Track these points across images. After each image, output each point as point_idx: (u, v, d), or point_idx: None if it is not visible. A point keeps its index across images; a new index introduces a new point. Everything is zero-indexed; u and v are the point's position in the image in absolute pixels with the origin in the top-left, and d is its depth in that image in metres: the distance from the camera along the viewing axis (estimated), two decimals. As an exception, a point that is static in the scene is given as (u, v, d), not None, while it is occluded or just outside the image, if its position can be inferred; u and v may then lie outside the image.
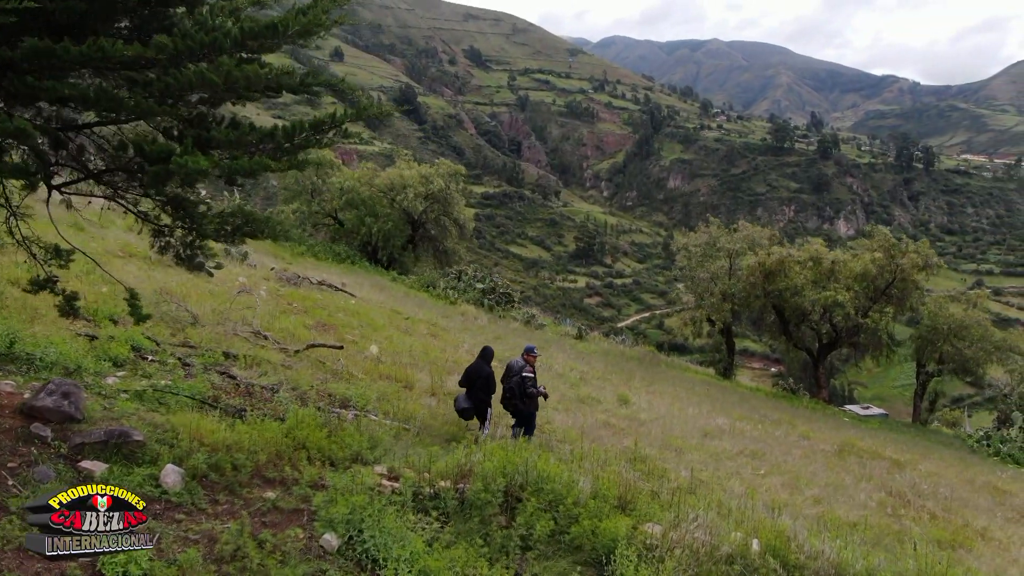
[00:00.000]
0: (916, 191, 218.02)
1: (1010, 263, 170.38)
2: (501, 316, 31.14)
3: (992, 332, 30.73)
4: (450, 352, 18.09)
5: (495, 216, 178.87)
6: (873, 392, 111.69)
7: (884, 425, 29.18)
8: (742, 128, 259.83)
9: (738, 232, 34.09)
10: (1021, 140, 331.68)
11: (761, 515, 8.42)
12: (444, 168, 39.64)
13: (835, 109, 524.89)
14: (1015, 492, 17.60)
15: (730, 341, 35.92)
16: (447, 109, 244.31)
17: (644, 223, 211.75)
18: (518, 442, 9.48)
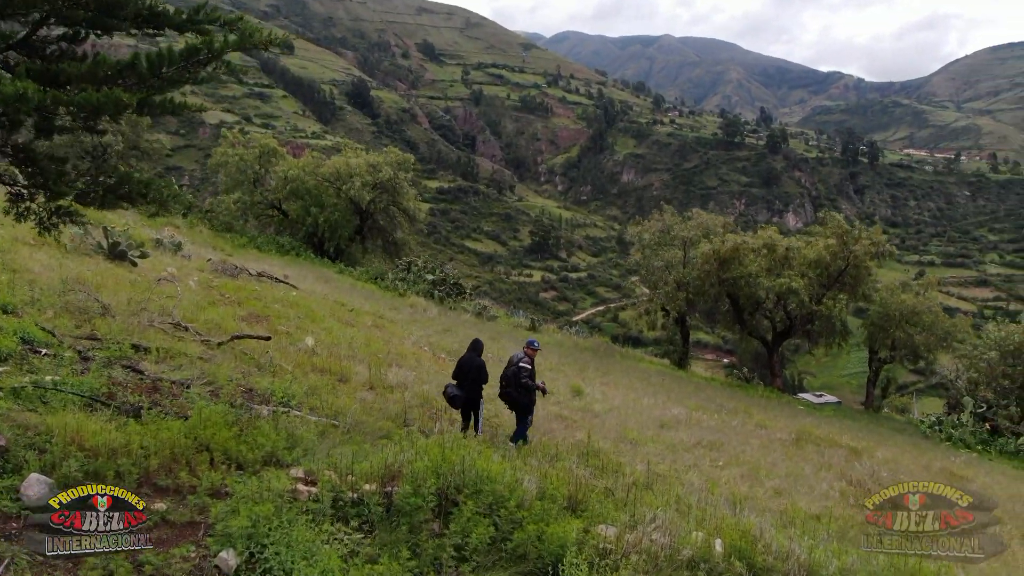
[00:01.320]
0: (862, 185, 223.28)
1: (950, 254, 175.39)
2: (452, 308, 30.23)
3: (943, 319, 30.93)
4: (394, 344, 17.14)
5: (450, 211, 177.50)
6: (822, 381, 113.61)
7: (838, 413, 29.11)
8: (694, 123, 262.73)
9: (692, 220, 33.74)
10: (960, 136, 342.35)
11: (724, 513, 7.72)
12: (393, 156, 38.42)
13: (783, 105, 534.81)
14: (971, 478, 17.40)
15: (684, 331, 35.61)
16: (401, 103, 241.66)
17: (598, 217, 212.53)
18: (517, 445, 9.90)
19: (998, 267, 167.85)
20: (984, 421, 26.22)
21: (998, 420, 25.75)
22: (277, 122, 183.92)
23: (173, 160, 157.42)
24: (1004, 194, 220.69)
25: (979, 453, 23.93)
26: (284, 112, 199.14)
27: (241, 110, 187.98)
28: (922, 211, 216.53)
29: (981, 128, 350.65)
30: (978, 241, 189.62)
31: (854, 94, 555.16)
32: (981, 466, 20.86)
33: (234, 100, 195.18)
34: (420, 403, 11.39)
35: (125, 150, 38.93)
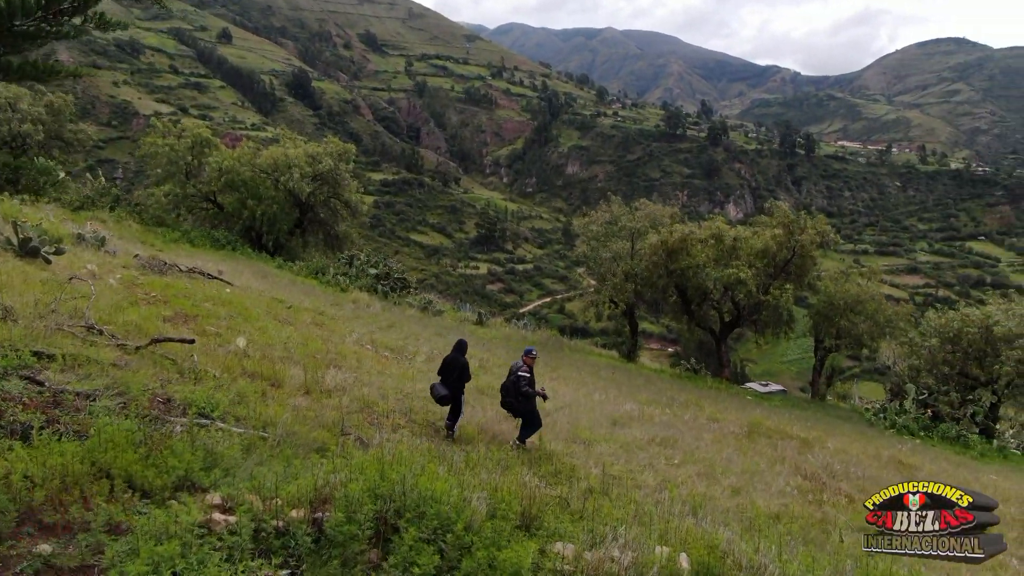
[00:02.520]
0: (799, 176, 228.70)
1: (883, 243, 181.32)
2: (396, 303, 29.35)
3: (885, 307, 31.37)
4: (335, 343, 16.26)
5: (395, 203, 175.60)
6: (763, 368, 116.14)
7: (786, 402, 29.28)
8: (637, 115, 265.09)
9: (639, 210, 33.49)
10: (891, 128, 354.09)
11: (688, 524, 7.19)
12: (333, 147, 37.12)
13: (723, 97, 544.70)
14: (919, 466, 17.47)
15: (633, 323, 35.41)
16: (343, 95, 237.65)
17: (544, 209, 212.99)
18: (525, 445, 10.38)
19: (927, 255, 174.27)
20: (926, 408, 26.67)
21: (939, 406, 26.21)
22: (215, 113, 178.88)
23: (105, 152, 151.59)
24: (932, 185, 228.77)
25: (922, 439, 24.28)
26: (222, 103, 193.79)
27: (177, 101, 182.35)
28: (856, 201, 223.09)
29: (911, 121, 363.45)
30: (908, 230, 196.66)
31: (791, 87, 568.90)
32: (926, 453, 21.09)
33: (169, 90, 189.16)
34: (360, 408, 10.62)
35: (46, 140, 36.81)
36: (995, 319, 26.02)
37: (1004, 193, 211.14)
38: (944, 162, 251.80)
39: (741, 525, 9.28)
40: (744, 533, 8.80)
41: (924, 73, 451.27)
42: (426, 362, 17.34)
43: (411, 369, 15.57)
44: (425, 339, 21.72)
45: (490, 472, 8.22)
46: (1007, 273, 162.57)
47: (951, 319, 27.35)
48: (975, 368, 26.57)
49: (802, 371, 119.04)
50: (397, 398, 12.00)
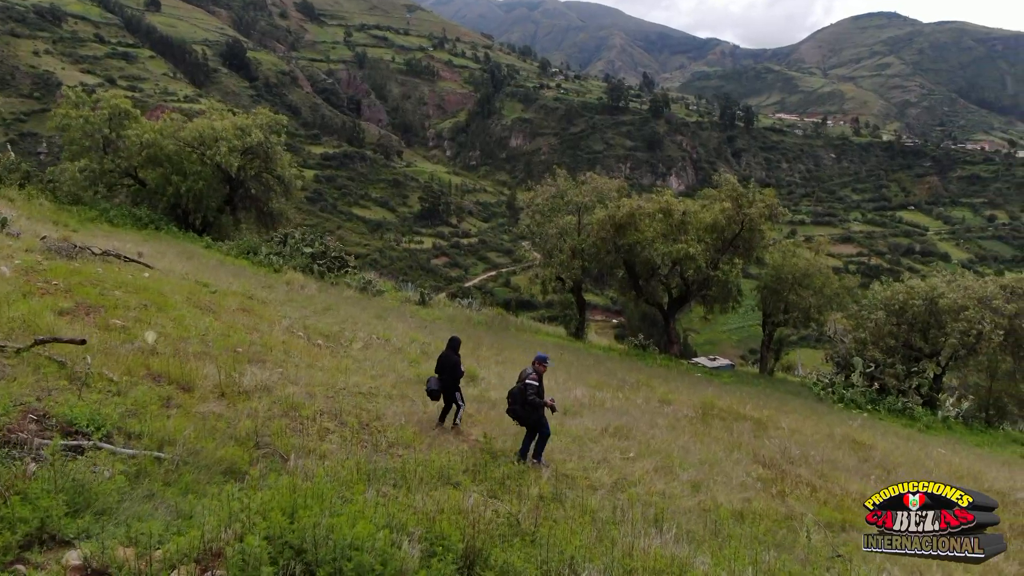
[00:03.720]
0: (739, 148, 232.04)
1: (819, 213, 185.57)
2: (333, 283, 27.95)
3: (832, 280, 31.32)
4: (262, 332, 14.95)
5: (336, 177, 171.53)
6: (705, 337, 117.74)
7: (735, 378, 29.01)
8: (579, 87, 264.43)
9: (586, 184, 32.58)
10: (826, 101, 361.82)
11: (655, 548, 6.30)
12: (263, 119, 35.03)
13: (665, 70, 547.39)
14: (872, 444, 17.17)
15: (580, 300, 34.66)
16: (280, 66, 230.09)
17: (488, 182, 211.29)
18: (528, 462, 9.93)
19: (860, 225, 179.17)
20: (872, 381, 26.71)
21: (885, 379, 26.25)
22: (145, 85, 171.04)
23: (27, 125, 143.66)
24: (865, 156, 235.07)
25: (869, 413, 24.26)
26: (153, 74, 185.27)
27: (104, 71, 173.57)
28: (793, 173, 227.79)
29: (845, 94, 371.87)
30: (843, 201, 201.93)
31: (730, 60, 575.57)
32: (876, 428, 20.96)
33: (95, 60, 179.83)
34: (283, 412, 9.45)
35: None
36: (940, 291, 26.11)
37: (932, 164, 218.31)
38: (876, 134, 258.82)
39: (707, 530, 8.53)
40: (711, 541, 8.05)
41: (857, 47, 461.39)
42: (363, 350, 16.20)
43: (346, 360, 14.38)
44: (363, 323, 20.52)
45: (429, 490, 7.22)
46: (934, 241, 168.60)
47: (896, 291, 27.37)
48: (919, 340, 26.69)
49: (743, 339, 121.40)
50: (327, 396, 10.86)
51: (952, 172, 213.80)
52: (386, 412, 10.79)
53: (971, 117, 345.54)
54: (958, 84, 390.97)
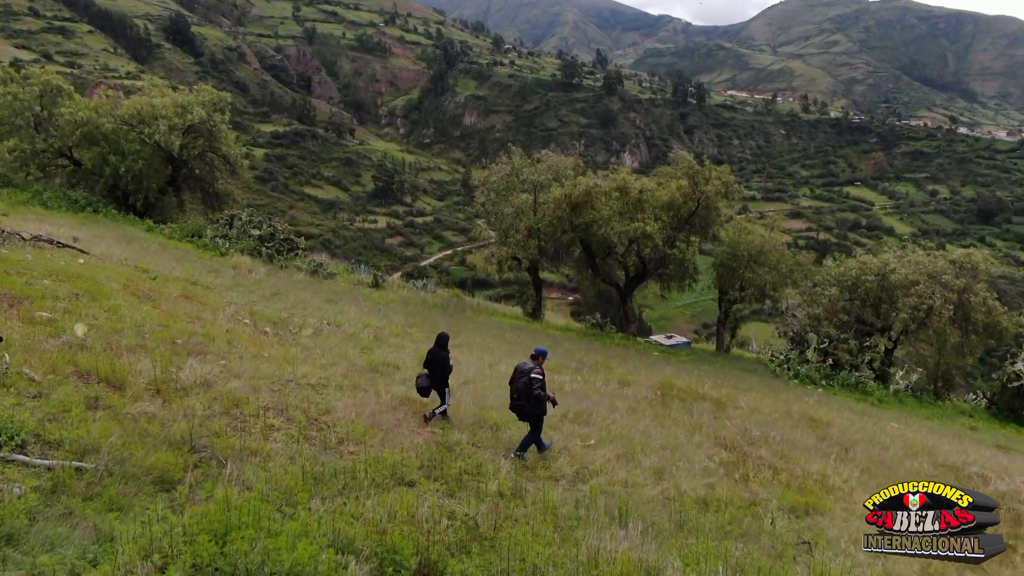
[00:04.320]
0: (691, 125, 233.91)
1: (769, 189, 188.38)
2: (283, 266, 27.07)
3: (787, 256, 31.53)
4: (205, 321, 14.22)
5: (287, 156, 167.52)
6: (659, 313, 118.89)
7: (692, 356, 29.04)
8: (533, 64, 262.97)
9: (542, 162, 32.08)
10: (776, 78, 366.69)
11: (624, 552, 5.96)
12: (206, 95, 33.58)
13: (618, 47, 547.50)
14: (830, 422, 17.24)
15: (537, 280, 34.29)
16: (226, 41, 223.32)
17: (442, 160, 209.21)
18: (524, 456, 9.92)
19: (809, 200, 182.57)
20: (826, 356, 27.01)
21: (839, 354, 26.55)
22: (84, 61, 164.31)
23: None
24: (814, 132, 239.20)
25: (824, 388, 24.50)
26: (92, 49, 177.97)
27: (40, 47, 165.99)
28: (744, 149, 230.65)
29: (794, 71, 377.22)
30: (792, 176, 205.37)
31: (682, 37, 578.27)
32: (831, 403, 21.12)
33: (30, 35, 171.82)
34: (225, 409, 8.87)
35: None
36: (891, 267, 26.44)
37: (877, 140, 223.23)
38: (824, 111, 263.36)
39: (672, 522, 8.27)
40: (677, 535, 7.78)
41: (806, 24, 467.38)
42: (313, 337, 15.58)
43: (294, 348, 13.77)
44: (314, 308, 19.84)
45: (381, 492, 6.77)
46: (880, 216, 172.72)
47: (849, 267, 27.65)
48: (871, 315, 27.04)
49: (696, 314, 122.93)
50: (273, 390, 10.29)
51: (896, 148, 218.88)
52: (336, 405, 10.26)
53: (914, 94, 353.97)
54: (902, 61, 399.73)
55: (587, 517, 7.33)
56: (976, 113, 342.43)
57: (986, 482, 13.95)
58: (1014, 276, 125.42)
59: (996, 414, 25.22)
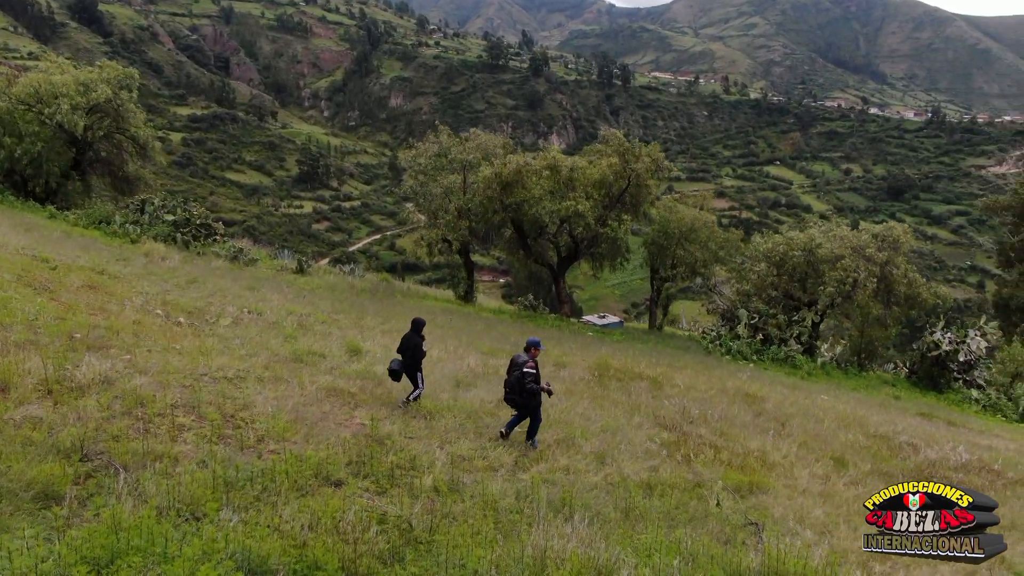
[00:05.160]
0: (617, 106, 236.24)
1: (693, 169, 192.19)
2: (200, 253, 25.66)
3: (717, 233, 31.80)
4: (110, 312, 13.11)
5: (206, 140, 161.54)
6: (589, 293, 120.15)
7: (626, 335, 29.03)
8: (459, 45, 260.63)
9: (470, 141, 31.36)
10: (698, 60, 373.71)
11: (572, 550, 5.49)
12: (110, 72, 31.43)
13: (543, 28, 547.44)
14: (765, 397, 17.30)
15: (468, 262, 33.66)
16: (137, 20, 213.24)
17: (368, 143, 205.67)
18: (535, 444, 10.06)
19: (732, 180, 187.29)
20: (757, 331, 27.37)
21: (769, 329, 26.94)
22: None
23: None
24: (735, 113, 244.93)
25: (755, 363, 24.79)
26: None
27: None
28: (669, 130, 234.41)
29: (715, 53, 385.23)
30: (715, 157, 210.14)
31: (606, 19, 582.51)
32: (763, 378, 21.32)
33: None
34: (127, 409, 8.00)
35: None
36: (817, 242, 26.90)
37: (795, 121, 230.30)
38: (744, 92, 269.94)
39: (618, 510, 7.88)
40: (623, 524, 7.39)
41: (725, 7, 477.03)
42: (232, 326, 14.60)
43: (211, 339, 12.83)
44: (233, 296, 18.73)
45: (303, 495, 6.11)
46: (798, 194, 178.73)
47: (777, 243, 28.04)
48: (799, 290, 27.52)
49: (625, 294, 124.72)
50: (185, 385, 9.43)
51: (813, 128, 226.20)
52: (256, 399, 9.47)
53: (829, 76, 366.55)
54: (817, 44, 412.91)
55: (530, 511, 6.84)
56: (886, 94, 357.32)
57: (916, 451, 14.18)
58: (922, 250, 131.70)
59: (916, 383, 26.05)
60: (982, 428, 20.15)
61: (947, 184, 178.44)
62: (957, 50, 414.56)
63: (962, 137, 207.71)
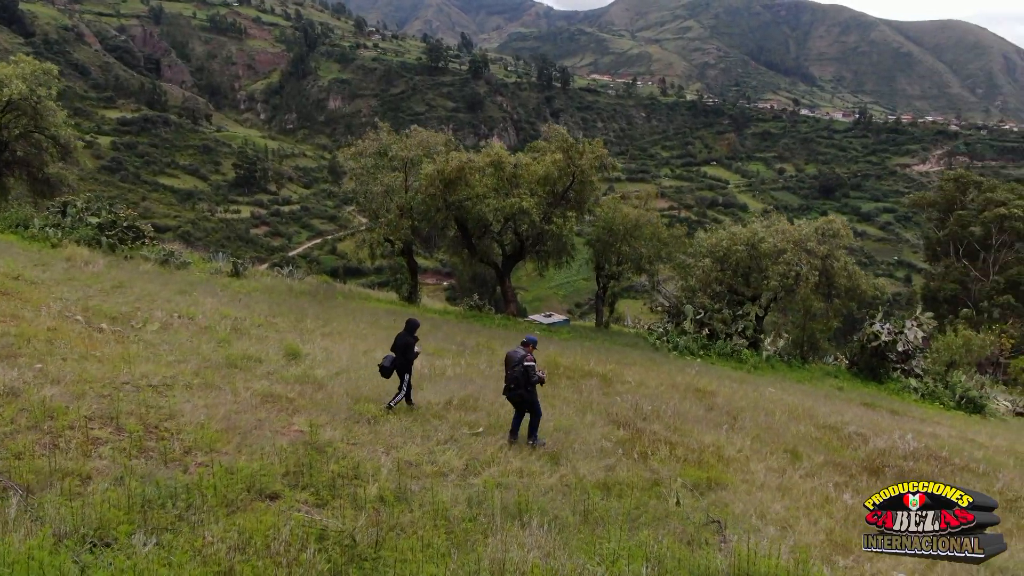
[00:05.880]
0: (557, 108, 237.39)
1: (633, 170, 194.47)
2: (128, 257, 24.36)
3: (661, 230, 31.83)
4: (23, 319, 12.13)
5: (137, 144, 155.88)
6: (533, 294, 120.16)
7: (573, 333, 28.76)
8: (398, 47, 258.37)
9: (411, 137, 30.65)
10: (635, 62, 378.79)
11: (533, 560, 5.03)
12: (27, 67, 29.66)
13: (482, 31, 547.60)
14: (715, 391, 17.18)
15: (412, 263, 32.89)
16: (61, 20, 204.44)
17: (307, 146, 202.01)
18: (538, 442, 10.06)
19: (670, 180, 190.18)
20: (703, 326, 27.44)
21: (714, 324, 27.03)
22: None
23: None
24: (672, 115, 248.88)
25: (702, 358, 24.81)
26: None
27: None
28: (608, 132, 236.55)
29: (652, 55, 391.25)
30: (654, 158, 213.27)
31: (545, 22, 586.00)
32: (711, 373, 21.28)
33: None
34: (35, 423, 7.22)
35: None
36: (760, 236, 27.12)
37: (730, 122, 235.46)
38: (681, 94, 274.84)
39: (576, 513, 7.44)
40: (583, 528, 6.96)
41: (661, 10, 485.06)
42: (160, 332, 13.72)
43: (136, 346, 11.96)
44: (163, 300, 17.74)
45: (232, 515, 5.50)
46: (735, 194, 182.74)
47: (720, 239, 28.17)
48: (742, 285, 27.69)
49: (569, 294, 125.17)
50: (103, 395, 8.64)
51: (747, 129, 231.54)
52: (184, 408, 8.75)
53: (761, 78, 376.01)
54: (749, 47, 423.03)
55: (484, 518, 6.36)
56: (816, 96, 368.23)
57: (865, 440, 14.19)
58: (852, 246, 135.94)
59: (857, 374, 26.46)
60: (923, 416, 20.49)
61: (875, 182, 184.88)
62: (881, 53, 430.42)
63: (887, 137, 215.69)
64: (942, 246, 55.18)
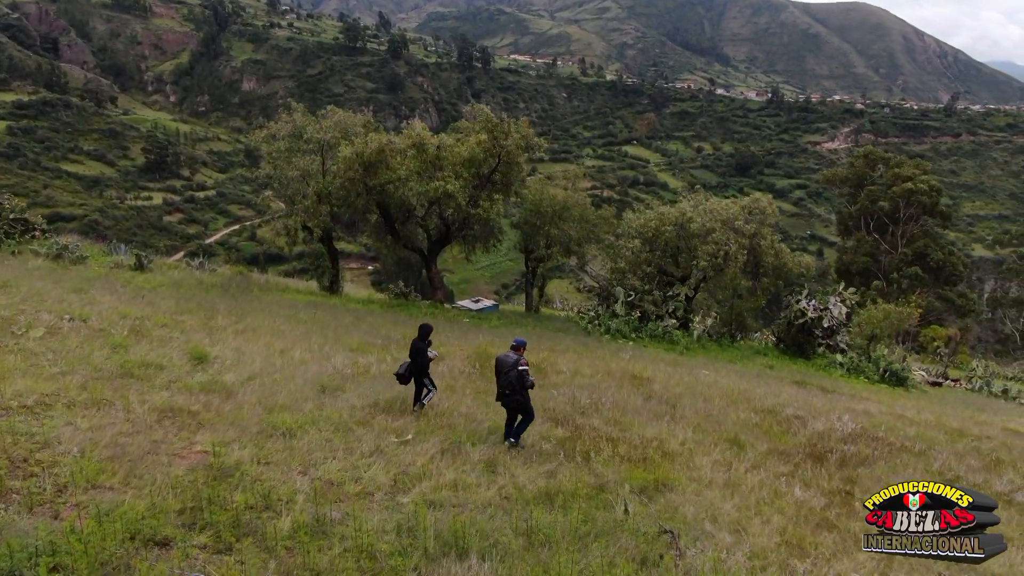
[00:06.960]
0: (478, 89, 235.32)
1: (555, 151, 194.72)
2: (15, 252, 22.29)
3: (590, 211, 31.35)
4: None
5: (36, 129, 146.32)
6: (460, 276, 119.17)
7: (503, 319, 28.00)
8: (314, 27, 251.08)
9: (327, 119, 29.11)
10: (555, 43, 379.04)
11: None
12: None
13: (400, 10, 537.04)
14: (651, 377, 16.76)
15: (332, 250, 31.45)
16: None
17: (221, 130, 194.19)
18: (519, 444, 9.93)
19: (592, 160, 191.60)
20: (633, 308, 27.16)
21: (645, 306, 26.78)
22: None
23: None
24: (593, 95, 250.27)
25: (635, 341, 24.51)
26: None
27: None
28: (530, 112, 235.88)
29: (571, 36, 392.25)
30: (576, 138, 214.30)
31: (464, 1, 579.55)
32: (645, 356, 20.96)
33: None
34: None
35: None
36: (688, 216, 26.94)
37: (649, 102, 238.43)
38: (601, 74, 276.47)
39: (518, 535, 6.70)
40: (527, 556, 6.22)
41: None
42: (45, 338, 12.26)
43: (12, 356, 10.55)
44: (54, 300, 16.08)
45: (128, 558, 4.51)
46: (655, 173, 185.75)
47: (649, 219, 27.89)
48: (672, 265, 27.53)
49: (495, 275, 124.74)
50: (-37, 421, 7.38)
51: (666, 109, 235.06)
52: (62, 433, 7.56)
53: (678, 58, 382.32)
54: (667, 28, 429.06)
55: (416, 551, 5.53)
56: (730, 76, 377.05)
57: (804, 424, 14.00)
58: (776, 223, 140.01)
59: (785, 351, 26.74)
60: (852, 392, 20.70)
61: (787, 160, 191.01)
62: (791, 34, 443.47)
63: (798, 116, 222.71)
64: (853, 220, 56.97)
